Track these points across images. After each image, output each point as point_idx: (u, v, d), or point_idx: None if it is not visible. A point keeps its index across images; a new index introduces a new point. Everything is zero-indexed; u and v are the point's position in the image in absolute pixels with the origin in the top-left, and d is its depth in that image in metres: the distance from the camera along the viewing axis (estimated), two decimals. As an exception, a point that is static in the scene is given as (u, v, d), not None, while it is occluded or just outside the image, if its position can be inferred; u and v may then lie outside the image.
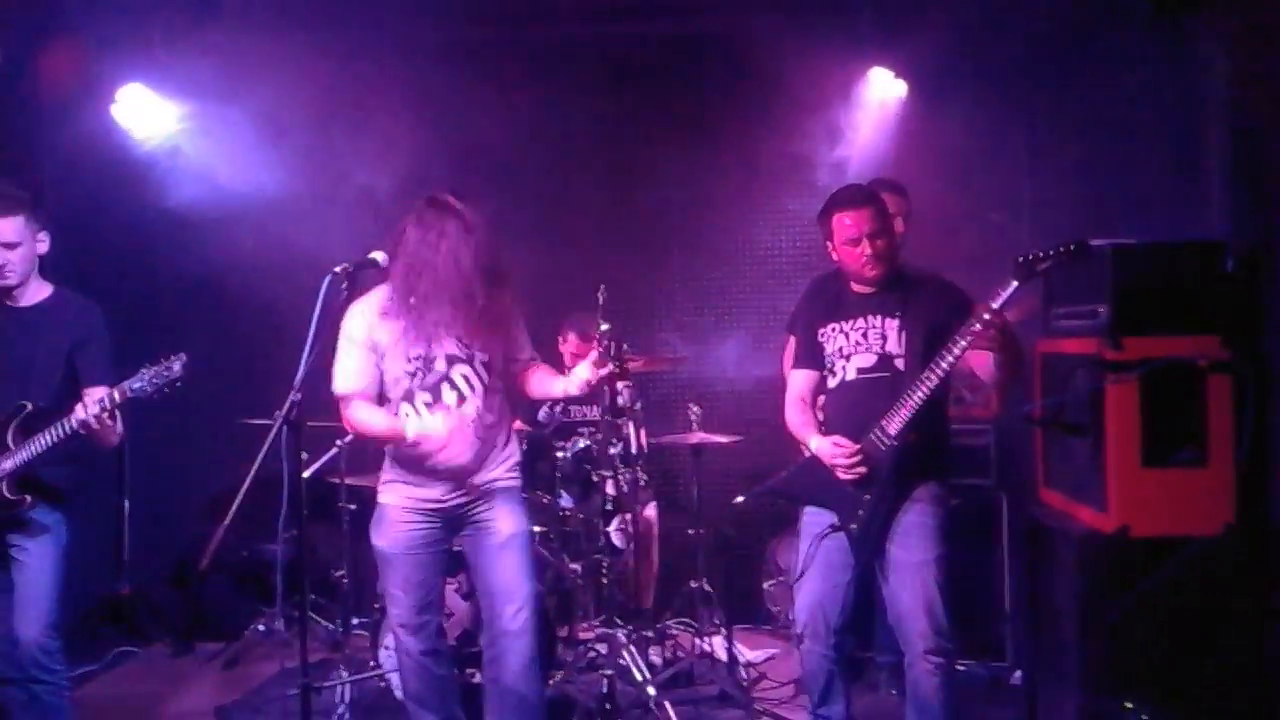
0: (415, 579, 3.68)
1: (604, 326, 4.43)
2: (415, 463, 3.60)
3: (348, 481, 4.83)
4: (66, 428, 3.59)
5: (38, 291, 3.81)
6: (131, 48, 5.64)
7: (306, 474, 3.28)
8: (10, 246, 3.69)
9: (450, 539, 3.74)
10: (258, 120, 5.49)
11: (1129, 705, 3.24)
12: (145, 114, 5.66)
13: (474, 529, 3.70)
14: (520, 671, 3.65)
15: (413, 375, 3.61)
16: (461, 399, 3.61)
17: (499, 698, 3.69)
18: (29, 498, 3.67)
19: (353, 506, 4.90)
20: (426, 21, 5.67)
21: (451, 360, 3.61)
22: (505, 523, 3.69)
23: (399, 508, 3.67)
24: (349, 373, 3.58)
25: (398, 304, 3.52)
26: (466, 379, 3.63)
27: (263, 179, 5.57)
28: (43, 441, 3.61)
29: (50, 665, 3.69)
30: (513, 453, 3.79)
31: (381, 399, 3.66)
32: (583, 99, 5.98)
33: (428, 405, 3.59)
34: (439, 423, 3.45)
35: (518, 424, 5.37)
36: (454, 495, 3.65)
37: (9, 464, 3.63)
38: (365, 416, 3.60)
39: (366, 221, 4.99)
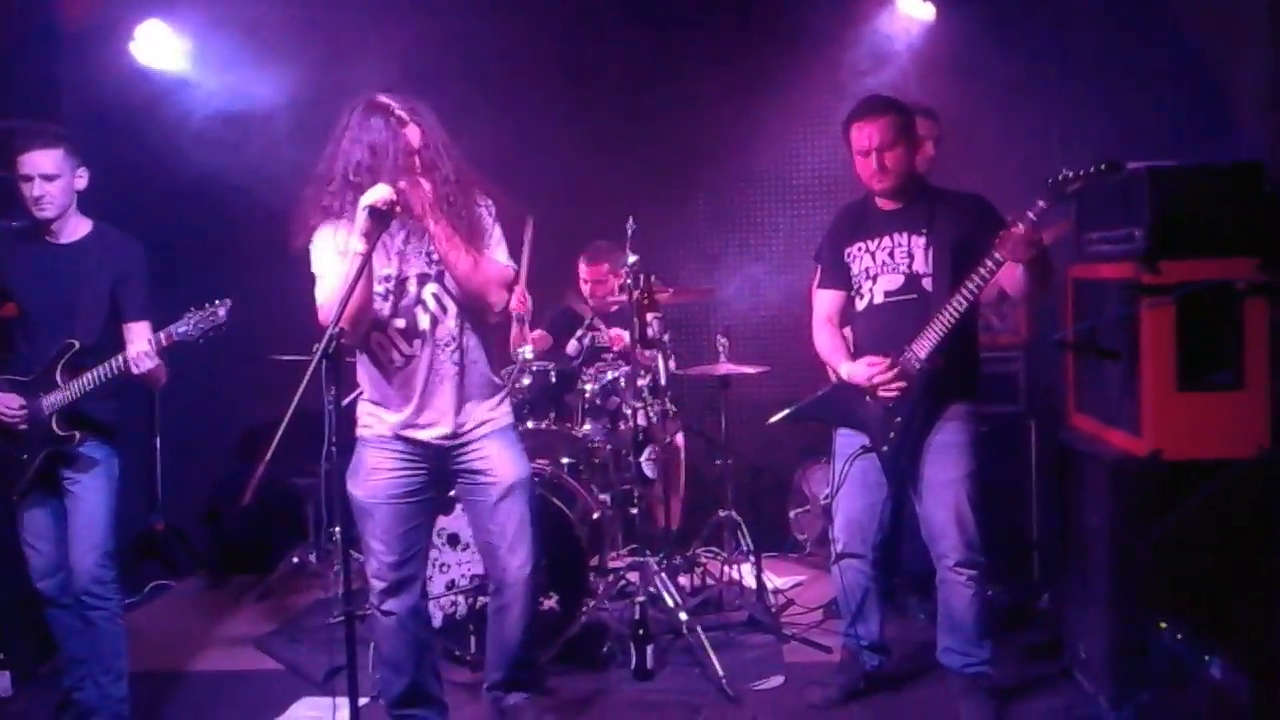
0: (397, 530, 3.42)
1: (632, 258, 4.45)
2: (393, 384, 3.38)
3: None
4: (115, 367, 3.64)
5: (78, 228, 3.84)
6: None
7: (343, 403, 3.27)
8: (49, 178, 3.71)
9: (438, 488, 3.55)
10: (276, 51, 5.44)
11: (1164, 624, 3.26)
12: (163, 50, 5.60)
13: (469, 479, 3.49)
14: (518, 622, 3.56)
15: (384, 298, 3.36)
16: (435, 321, 3.38)
17: (499, 649, 3.63)
18: (78, 433, 3.75)
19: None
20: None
21: (422, 279, 3.38)
22: (504, 470, 3.46)
23: (379, 449, 3.41)
24: (329, 291, 3.28)
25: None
26: (437, 297, 3.37)
27: (282, 111, 5.53)
28: (91, 379, 3.67)
29: (105, 593, 3.78)
30: (498, 387, 3.55)
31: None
32: (602, 23, 5.89)
33: (401, 332, 3.37)
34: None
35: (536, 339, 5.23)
36: (440, 438, 3.41)
37: (58, 400, 3.70)
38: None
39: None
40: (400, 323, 3.39)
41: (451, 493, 3.74)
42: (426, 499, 3.51)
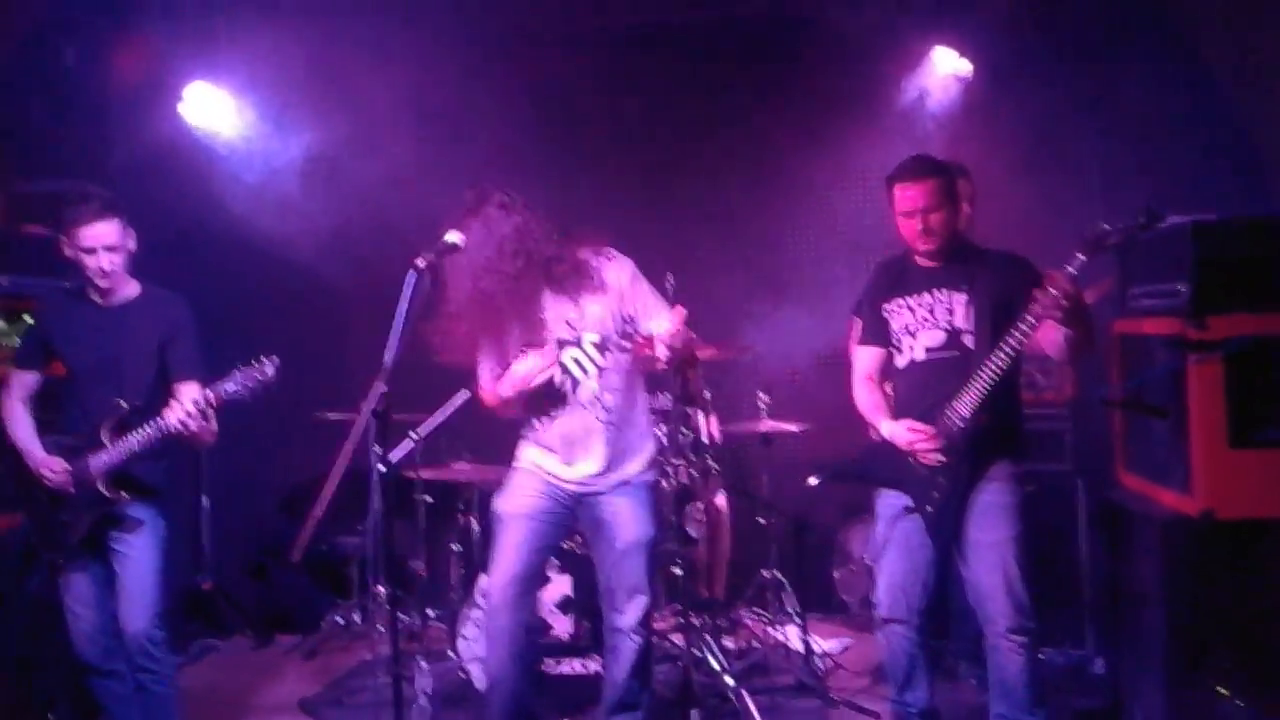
0: (527, 545, 3.69)
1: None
2: (551, 438, 3.69)
3: (423, 475, 4.88)
4: (162, 427, 3.63)
5: (126, 289, 3.84)
6: (197, 46, 5.71)
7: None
8: (112, 249, 3.70)
9: (570, 522, 3.79)
10: (319, 110, 5.56)
11: (1223, 691, 3.17)
12: (211, 111, 5.74)
13: (596, 524, 3.73)
14: (630, 669, 3.73)
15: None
16: (575, 383, 3.65)
17: (611, 689, 3.78)
18: (125, 494, 3.73)
19: (429, 499, 4.95)
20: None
21: (561, 345, 3.65)
22: (628, 528, 3.69)
23: (529, 473, 3.74)
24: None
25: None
26: (578, 362, 3.66)
27: (327, 169, 5.64)
28: (137, 440, 3.65)
29: (158, 655, 3.77)
30: (648, 445, 3.81)
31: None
32: (645, 80, 5.98)
33: (543, 394, 3.66)
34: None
35: None
36: (584, 485, 3.70)
37: (104, 461, 3.68)
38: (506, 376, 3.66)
39: (432, 203, 5.04)
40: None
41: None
42: (555, 527, 3.77)
